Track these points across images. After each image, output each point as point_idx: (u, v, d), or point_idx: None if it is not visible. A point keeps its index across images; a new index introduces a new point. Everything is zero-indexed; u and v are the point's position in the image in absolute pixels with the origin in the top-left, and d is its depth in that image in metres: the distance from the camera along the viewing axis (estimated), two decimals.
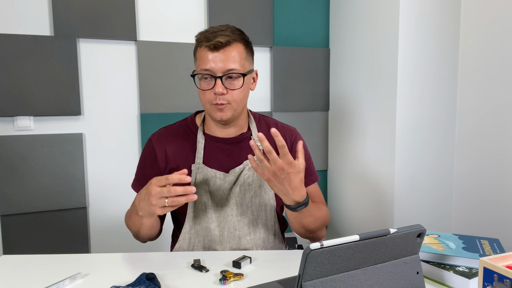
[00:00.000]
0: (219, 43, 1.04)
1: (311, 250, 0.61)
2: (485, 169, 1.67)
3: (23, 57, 1.68)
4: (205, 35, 1.06)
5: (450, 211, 1.84)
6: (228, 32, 1.06)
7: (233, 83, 1.07)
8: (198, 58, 1.09)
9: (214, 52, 1.05)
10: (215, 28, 1.08)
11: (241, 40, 1.09)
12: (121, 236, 1.88)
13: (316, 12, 2.14)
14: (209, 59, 1.05)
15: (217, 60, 1.04)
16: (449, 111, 1.79)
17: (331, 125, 2.20)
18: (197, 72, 1.09)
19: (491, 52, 1.62)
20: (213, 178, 1.13)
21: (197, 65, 1.10)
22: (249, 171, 1.14)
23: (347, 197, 2.09)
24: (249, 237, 1.15)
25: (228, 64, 1.05)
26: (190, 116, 1.23)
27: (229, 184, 1.13)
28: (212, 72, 1.05)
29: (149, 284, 0.85)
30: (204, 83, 1.08)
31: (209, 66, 1.05)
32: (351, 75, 2.01)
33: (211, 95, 1.07)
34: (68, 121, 1.79)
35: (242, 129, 1.18)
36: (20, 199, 1.72)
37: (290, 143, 1.21)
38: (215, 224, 1.13)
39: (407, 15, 1.67)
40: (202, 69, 1.06)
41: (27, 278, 0.92)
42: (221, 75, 1.05)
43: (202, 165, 1.13)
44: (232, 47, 1.06)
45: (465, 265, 0.89)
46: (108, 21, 1.79)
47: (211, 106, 1.09)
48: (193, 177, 1.13)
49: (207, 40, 1.05)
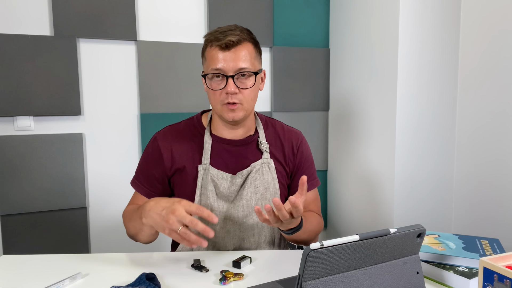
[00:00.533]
0: (230, 42, 1.03)
1: (311, 250, 0.61)
2: (485, 169, 1.67)
3: (23, 57, 1.67)
4: (214, 35, 1.05)
5: (450, 211, 1.84)
6: (238, 32, 1.05)
7: (245, 82, 1.06)
8: (208, 58, 1.07)
9: (225, 52, 1.03)
10: (224, 28, 1.07)
11: (250, 39, 1.08)
12: (121, 236, 1.88)
13: (316, 12, 2.14)
14: (220, 59, 1.03)
15: (229, 59, 1.03)
16: (449, 111, 1.79)
17: (331, 125, 2.20)
18: (208, 72, 1.07)
19: (491, 53, 1.62)
20: (220, 180, 1.12)
21: (206, 65, 1.08)
22: (256, 173, 1.13)
23: (347, 197, 2.08)
24: (253, 239, 1.15)
25: (239, 63, 1.04)
26: (196, 115, 1.21)
27: (236, 186, 1.13)
28: (223, 71, 1.04)
29: (149, 284, 0.84)
30: (215, 83, 1.06)
31: (220, 66, 1.04)
32: (351, 75, 2.01)
33: (222, 95, 1.06)
34: (68, 121, 1.79)
35: (249, 131, 1.17)
36: (20, 199, 1.72)
37: (296, 146, 1.21)
38: (220, 226, 1.13)
39: (407, 15, 1.67)
40: (213, 68, 1.05)
41: (27, 278, 0.92)
42: (232, 74, 1.04)
43: (209, 166, 1.12)
44: (243, 46, 1.05)
45: (465, 265, 0.89)
46: (108, 21, 1.79)
47: (222, 106, 1.07)
48: (200, 178, 1.12)
49: (218, 40, 1.04)
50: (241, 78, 1.06)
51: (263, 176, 1.13)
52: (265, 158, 1.15)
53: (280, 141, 1.20)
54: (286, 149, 1.19)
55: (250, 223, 1.14)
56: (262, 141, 1.16)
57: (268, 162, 1.15)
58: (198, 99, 1.96)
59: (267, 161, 1.15)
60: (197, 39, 1.95)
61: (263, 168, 1.14)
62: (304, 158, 1.22)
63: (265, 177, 1.14)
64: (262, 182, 1.14)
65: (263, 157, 1.15)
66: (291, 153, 1.20)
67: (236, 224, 1.13)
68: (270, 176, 1.15)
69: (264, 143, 1.16)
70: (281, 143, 1.19)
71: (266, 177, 1.14)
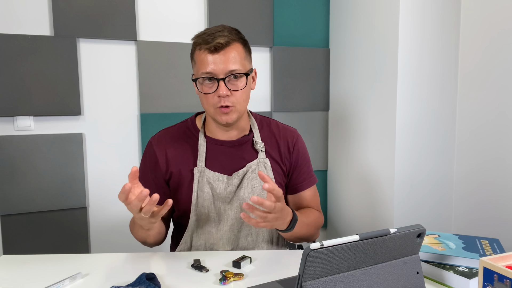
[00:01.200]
0: (219, 44, 1.02)
1: (311, 250, 0.61)
2: (485, 169, 1.67)
3: (23, 57, 1.67)
4: (202, 38, 1.04)
5: (450, 211, 1.84)
6: (226, 33, 1.04)
7: (236, 83, 1.05)
8: (197, 61, 1.06)
9: (215, 54, 1.02)
10: (212, 30, 1.06)
11: (239, 39, 1.07)
12: (121, 236, 1.88)
13: (316, 12, 2.14)
14: (210, 62, 1.02)
15: (218, 62, 1.02)
16: (449, 111, 1.79)
17: (331, 125, 2.20)
18: (198, 76, 1.06)
19: (491, 53, 1.62)
20: (216, 181, 1.12)
21: (196, 69, 1.07)
22: (252, 173, 1.13)
23: (347, 197, 2.08)
24: (251, 238, 1.15)
25: (229, 65, 1.03)
26: (190, 118, 1.21)
27: (233, 187, 1.13)
28: (214, 74, 1.03)
29: (149, 284, 0.84)
30: (206, 86, 1.06)
31: (210, 69, 1.03)
32: (351, 75, 2.01)
33: (214, 99, 1.05)
34: (68, 121, 1.79)
35: (244, 131, 1.17)
36: (20, 199, 1.72)
37: (292, 144, 1.20)
38: (218, 227, 1.13)
39: (407, 15, 1.67)
40: (203, 72, 1.04)
41: (27, 278, 0.92)
42: (223, 77, 1.03)
43: (205, 168, 1.12)
44: (232, 48, 1.04)
45: (465, 265, 0.88)
46: (108, 21, 1.78)
47: (215, 110, 1.06)
48: (195, 180, 1.12)
49: (206, 43, 1.03)
50: (232, 80, 1.05)
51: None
52: (261, 157, 1.15)
53: (275, 140, 1.19)
54: (282, 147, 1.19)
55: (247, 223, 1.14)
56: (257, 141, 1.16)
57: (264, 162, 1.15)
58: (198, 99, 1.95)
59: (263, 161, 1.15)
60: None
61: (259, 167, 1.14)
62: (301, 156, 1.21)
63: None
64: (259, 181, 1.14)
65: (259, 156, 1.15)
66: (287, 152, 1.19)
67: (234, 225, 1.13)
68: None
69: (259, 142, 1.16)
70: (276, 142, 1.19)
71: None
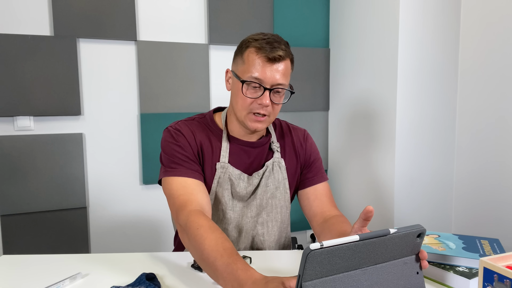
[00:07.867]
0: (278, 56, 1.03)
1: (311, 250, 0.61)
2: (485, 169, 1.67)
3: (23, 57, 1.67)
4: (261, 44, 1.04)
5: (450, 211, 1.84)
6: (283, 46, 1.06)
7: (278, 97, 1.07)
8: (249, 63, 1.05)
9: (270, 64, 1.04)
10: (270, 38, 1.06)
11: (290, 55, 1.09)
12: (121, 236, 1.88)
13: (316, 12, 2.14)
14: (264, 70, 1.03)
15: (271, 72, 1.04)
16: (449, 111, 1.79)
17: (331, 125, 2.20)
18: (245, 79, 1.05)
19: (491, 53, 1.62)
20: (237, 179, 1.12)
21: (244, 69, 1.06)
22: (268, 172, 1.15)
23: (347, 197, 2.08)
24: (263, 237, 1.16)
25: (279, 78, 1.04)
26: (208, 113, 1.19)
27: (252, 186, 1.14)
28: (263, 82, 1.04)
29: (149, 284, 0.84)
30: (250, 90, 1.06)
31: (261, 76, 1.03)
32: (351, 75, 2.01)
33: (254, 104, 1.05)
34: (68, 121, 1.79)
35: (262, 132, 1.18)
36: (20, 199, 1.72)
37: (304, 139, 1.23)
38: (233, 225, 1.14)
39: (407, 15, 1.67)
40: (253, 77, 1.04)
41: (27, 278, 0.92)
42: (270, 87, 1.04)
43: (228, 164, 1.12)
44: (285, 62, 1.06)
45: (465, 265, 0.88)
46: (108, 21, 1.78)
47: (248, 114, 1.07)
48: (217, 176, 1.11)
49: (266, 50, 1.03)
50: (276, 93, 1.07)
51: (273, 175, 1.16)
52: (276, 157, 1.17)
53: (290, 138, 1.22)
54: (296, 143, 1.22)
55: (260, 222, 1.15)
56: (273, 141, 1.18)
57: (279, 162, 1.17)
58: (198, 99, 1.96)
59: (278, 160, 1.17)
60: (197, 39, 1.95)
61: (274, 167, 1.16)
62: (313, 151, 1.24)
63: (276, 176, 1.16)
64: (273, 181, 1.16)
65: (274, 156, 1.17)
66: (299, 146, 1.22)
67: (248, 223, 1.14)
68: (280, 175, 1.16)
69: (275, 143, 1.18)
70: (291, 139, 1.22)
71: (276, 176, 1.16)
